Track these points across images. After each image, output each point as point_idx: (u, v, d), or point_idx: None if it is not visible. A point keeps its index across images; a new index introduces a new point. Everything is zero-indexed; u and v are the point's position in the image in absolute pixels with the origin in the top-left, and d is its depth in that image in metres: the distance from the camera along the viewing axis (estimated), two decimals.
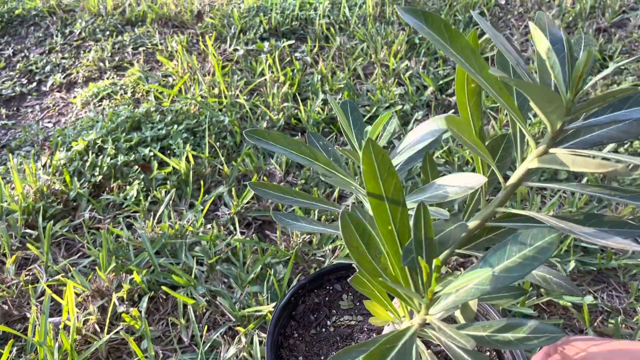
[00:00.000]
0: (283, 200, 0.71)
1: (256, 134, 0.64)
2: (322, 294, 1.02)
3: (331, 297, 1.02)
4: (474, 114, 0.58)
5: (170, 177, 1.57)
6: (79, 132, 1.79)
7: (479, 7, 2.49)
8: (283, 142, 0.63)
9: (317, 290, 1.03)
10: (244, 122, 1.81)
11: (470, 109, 0.58)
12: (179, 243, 1.37)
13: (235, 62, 2.15)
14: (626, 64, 2.03)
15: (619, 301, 1.24)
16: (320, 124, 1.78)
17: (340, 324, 0.98)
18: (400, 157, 0.65)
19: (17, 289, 1.28)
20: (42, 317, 1.11)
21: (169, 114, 1.81)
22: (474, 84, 0.56)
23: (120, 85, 2.05)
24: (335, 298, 1.02)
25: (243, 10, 2.50)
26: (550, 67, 0.47)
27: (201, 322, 1.20)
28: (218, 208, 1.51)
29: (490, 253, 0.50)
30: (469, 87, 0.56)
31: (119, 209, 1.51)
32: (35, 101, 2.13)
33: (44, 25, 2.57)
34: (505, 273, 0.48)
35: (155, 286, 1.27)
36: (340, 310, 1.00)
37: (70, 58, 2.32)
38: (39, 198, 1.50)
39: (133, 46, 2.35)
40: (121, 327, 1.16)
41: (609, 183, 1.55)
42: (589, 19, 2.37)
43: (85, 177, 1.58)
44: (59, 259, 1.36)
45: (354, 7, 2.49)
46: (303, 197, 0.71)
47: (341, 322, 0.98)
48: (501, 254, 0.49)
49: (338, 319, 0.98)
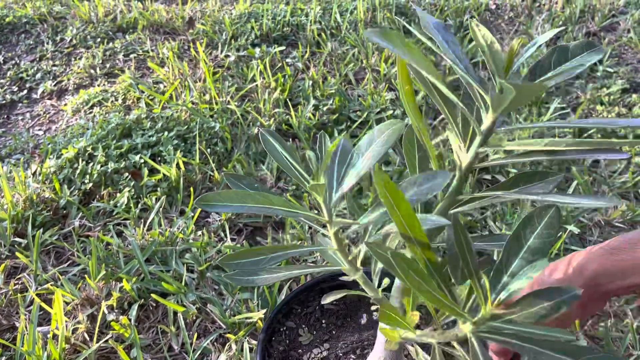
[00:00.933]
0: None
1: (206, 200, 0.60)
2: (280, 340, 1.03)
3: (290, 338, 1.03)
4: (414, 111, 0.64)
5: (160, 184, 1.57)
6: (70, 139, 1.78)
7: (470, 12, 2.50)
8: (235, 199, 0.61)
9: (275, 337, 1.03)
10: (235, 128, 1.81)
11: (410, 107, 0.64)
12: (169, 250, 1.36)
13: (227, 69, 2.15)
14: (616, 69, 2.04)
15: (609, 304, 1.24)
16: (311, 129, 1.78)
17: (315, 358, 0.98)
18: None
19: (5, 298, 1.27)
20: (31, 326, 1.10)
21: (160, 120, 1.80)
22: (408, 86, 0.63)
23: (111, 92, 2.05)
24: (294, 337, 1.03)
25: (234, 16, 2.50)
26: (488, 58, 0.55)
27: (191, 330, 1.20)
28: (209, 215, 1.51)
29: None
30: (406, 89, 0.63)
31: (109, 217, 1.51)
32: (25, 109, 2.12)
33: (35, 32, 2.57)
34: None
35: (145, 294, 1.27)
36: (304, 347, 1.01)
37: (61, 65, 2.32)
38: (29, 206, 1.49)
39: (124, 53, 2.35)
40: (110, 335, 1.15)
41: (599, 186, 1.55)
42: (579, 22, 2.39)
43: (75, 185, 1.57)
44: (49, 268, 1.36)
45: (345, 12, 2.50)
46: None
47: (315, 357, 0.98)
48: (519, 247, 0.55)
49: (309, 357, 0.99)
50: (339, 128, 1.81)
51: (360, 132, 1.79)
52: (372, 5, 2.51)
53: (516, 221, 1.41)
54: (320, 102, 1.90)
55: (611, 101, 1.85)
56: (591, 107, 1.86)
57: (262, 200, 0.61)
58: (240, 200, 0.61)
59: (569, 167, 1.61)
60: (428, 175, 0.59)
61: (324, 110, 1.85)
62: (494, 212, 1.47)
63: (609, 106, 1.83)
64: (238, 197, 0.61)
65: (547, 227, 0.56)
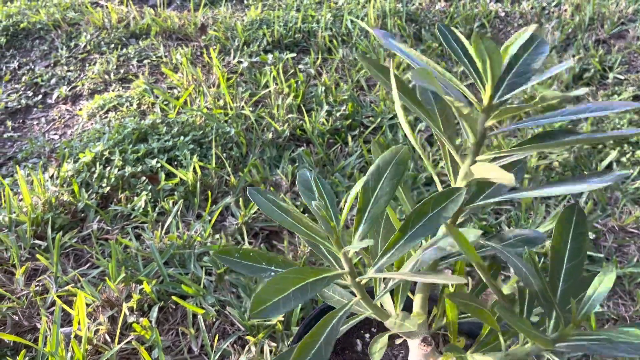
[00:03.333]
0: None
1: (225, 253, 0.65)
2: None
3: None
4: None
5: (177, 188, 1.58)
6: (86, 143, 1.80)
7: (479, 19, 2.52)
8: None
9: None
10: (249, 133, 1.83)
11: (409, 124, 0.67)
12: (187, 253, 1.38)
13: (240, 74, 2.18)
14: (626, 75, 2.06)
15: (625, 309, 1.25)
16: (325, 134, 1.80)
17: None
18: None
19: (27, 299, 1.28)
20: (54, 327, 1.12)
21: (175, 125, 1.82)
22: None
23: (125, 97, 2.07)
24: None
25: (246, 23, 2.52)
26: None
27: (211, 332, 1.21)
28: (225, 218, 1.52)
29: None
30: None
31: (127, 220, 1.52)
32: (41, 113, 2.15)
33: (49, 38, 2.60)
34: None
35: (164, 296, 1.28)
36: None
37: (76, 71, 2.34)
38: (48, 209, 1.51)
39: (138, 59, 2.38)
40: (132, 337, 1.17)
41: (612, 192, 1.56)
42: (588, 30, 2.41)
43: (93, 189, 1.59)
44: (69, 270, 1.37)
45: (356, 19, 2.52)
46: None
47: None
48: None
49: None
50: (352, 133, 1.82)
51: (374, 137, 1.81)
52: (383, 12, 2.53)
53: (530, 225, 1.43)
54: (333, 108, 1.92)
55: None
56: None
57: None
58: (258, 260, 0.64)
59: (582, 173, 1.62)
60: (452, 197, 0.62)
61: (337, 115, 1.87)
62: (508, 217, 1.48)
63: (620, 113, 1.84)
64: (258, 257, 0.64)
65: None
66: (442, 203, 0.62)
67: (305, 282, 0.60)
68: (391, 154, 0.66)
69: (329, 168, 1.69)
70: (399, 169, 0.65)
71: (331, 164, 1.71)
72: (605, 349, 0.55)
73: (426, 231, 0.62)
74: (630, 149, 1.68)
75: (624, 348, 0.54)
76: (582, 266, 0.65)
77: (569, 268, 0.65)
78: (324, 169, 1.69)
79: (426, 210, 0.62)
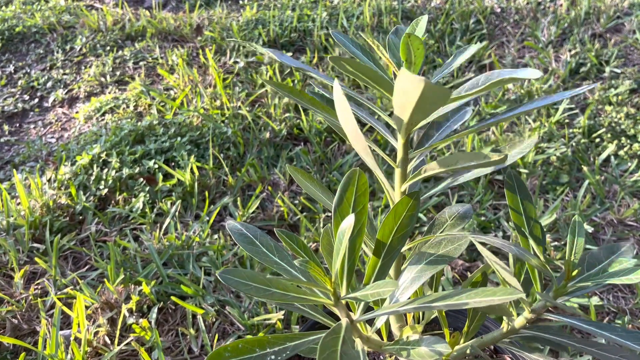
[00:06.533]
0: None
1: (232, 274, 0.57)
2: None
3: None
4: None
5: (175, 189, 1.58)
6: (83, 146, 1.80)
7: (475, 16, 2.52)
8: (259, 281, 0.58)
9: None
10: (247, 133, 1.82)
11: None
12: (186, 254, 1.37)
13: (236, 74, 2.17)
14: (622, 69, 2.06)
15: (625, 302, 1.25)
16: (322, 133, 1.80)
17: None
18: None
19: (26, 303, 1.28)
20: (53, 330, 1.11)
21: (172, 126, 1.82)
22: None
23: (122, 100, 2.07)
24: None
25: (242, 23, 2.52)
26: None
27: (211, 332, 1.21)
28: (223, 218, 1.52)
29: None
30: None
31: (125, 222, 1.52)
32: (37, 117, 2.14)
33: (45, 42, 2.59)
34: None
35: (164, 297, 1.28)
36: None
37: (72, 74, 2.34)
38: (46, 212, 1.51)
39: (134, 61, 2.37)
40: (131, 338, 1.16)
41: (610, 185, 1.56)
42: (584, 24, 2.41)
43: (90, 191, 1.59)
44: (67, 272, 1.37)
45: (352, 18, 2.52)
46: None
47: None
48: None
49: None
50: None
51: (371, 135, 1.80)
52: (378, 10, 2.53)
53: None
54: None
55: (619, 101, 1.86)
56: (599, 108, 1.87)
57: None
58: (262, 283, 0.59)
59: (580, 167, 1.62)
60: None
61: None
62: (506, 212, 1.48)
63: (617, 106, 1.84)
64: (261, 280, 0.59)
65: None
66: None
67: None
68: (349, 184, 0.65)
69: (327, 166, 1.69)
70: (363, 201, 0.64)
71: (328, 162, 1.71)
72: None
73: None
74: (628, 142, 1.68)
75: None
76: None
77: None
78: (321, 168, 1.69)
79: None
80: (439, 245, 0.67)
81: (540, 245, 0.68)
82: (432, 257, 0.65)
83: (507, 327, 0.70)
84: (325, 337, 0.51)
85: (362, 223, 0.62)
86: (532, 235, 0.68)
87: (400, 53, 0.61)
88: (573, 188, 1.57)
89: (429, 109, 0.58)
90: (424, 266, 0.65)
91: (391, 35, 0.71)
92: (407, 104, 0.51)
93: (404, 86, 0.48)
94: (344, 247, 0.54)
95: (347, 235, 0.55)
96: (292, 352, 0.56)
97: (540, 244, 0.68)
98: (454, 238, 0.66)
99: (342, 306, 0.60)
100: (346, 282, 0.62)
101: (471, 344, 0.71)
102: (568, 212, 1.44)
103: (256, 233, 0.66)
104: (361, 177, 0.63)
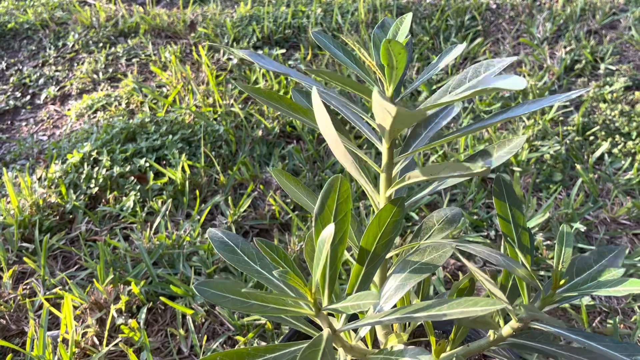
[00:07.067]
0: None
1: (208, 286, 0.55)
2: None
3: None
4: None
5: (166, 188, 1.57)
6: (74, 144, 1.78)
7: (470, 12, 2.50)
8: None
9: None
10: (239, 131, 1.81)
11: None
12: (176, 253, 1.36)
13: (229, 71, 2.16)
14: (617, 66, 2.05)
15: (617, 301, 1.24)
16: (315, 131, 1.78)
17: None
18: None
19: (14, 303, 1.27)
20: (41, 330, 1.11)
21: (164, 124, 1.81)
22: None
23: (114, 97, 2.05)
24: None
25: (235, 19, 2.50)
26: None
27: (200, 332, 1.20)
28: (215, 217, 1.51)
29: None
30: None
31: (116, 221, 1.51)
32: (29, 114, 2.13)
33: (37, 38, 2.57)
34: None
35: (153, 297, 1.27)
36: None
37: (64, 70, 2.32)
38: (35, 211, 1.50)
39: (126, 57, 2.36)
40: (120, 339, 1.16)
41: (604, 183, 1.55)
42: (580, 21, 2.39)
43: (81, 189, 1.57)
44: (56, 272, 1.36)
45: (347, 14, 2.51)
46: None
47: None
48: None
49: None
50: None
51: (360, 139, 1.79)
52: (373, 6, 2.51)
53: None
54: None
55: (614, 99, 1.85)
56: (594, 105, 1.86)
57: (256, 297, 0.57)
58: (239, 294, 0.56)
59: (573, 165, 1.61)
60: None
61: None
62: None
63: (611, 104, 1.83)
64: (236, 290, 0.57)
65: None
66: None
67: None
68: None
69: (319, 164, 1.67)
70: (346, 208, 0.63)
71: (321, 161, 1.69)
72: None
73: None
74: (622, 140, 1.67)
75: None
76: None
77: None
78: (314, 166, 1.68)
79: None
80: (424, 253, 0.66)
81: (528, 254, 0.67)
82: (416, 265, 0.64)
83: (493, 335, 0.69)
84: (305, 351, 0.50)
85: (344, 231, 0.61)
86: (520, 244, 0.67)
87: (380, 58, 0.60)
88: (566, 186, 1.56)
89: (407, 124, 0.59)
90: (408, 274, 0.64)
91: (376, 30, 0.70)
92: (386, 119, 0.52)
93: (380, 109, 0.49)
94: (324, 257, 0.53)
95: (328, 244, 0.54)
96: None
97: (528, 253, 0.67)
98: (438, 245, 0.66)
99: (323, 316, 0.59)
100: (328, 291, 0.61)
101: (457, 352, 0.70)
102: (561, 211, 1.43)
103: (237, 241, 0.64)
104: (343, 184, 0.62)
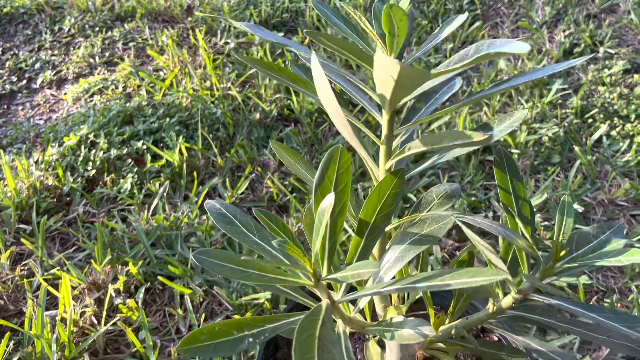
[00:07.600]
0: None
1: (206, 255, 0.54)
2: None
3: None
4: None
5: (163, 170, 1.57)
6: (71, 127, 1.78)
7: None
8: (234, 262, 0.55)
9: None
10: (236, 114, 1.80)
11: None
12: (174, 234, 1.36)
13: (226, 55, 2.15)
14: (616, 50, 2.04)
15: (614, 281, 1.25)
16: (313, 114, 1.78)
17: None
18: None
19: (12, 283, 1.27)
20: (39, 310, 1.11)
21: (161, 107, 1.80)
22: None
23: (111, 81, 2.04)
24: None
25: (233, 3, 2.49)
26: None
27: (198, 312, 1.20)
28: (212, 199, 1.50)
29: None
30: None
31: (113, 203, 1.51)
32: (25, 99, 2.11)
33: (33, 22, 2.55)
34: None
35: (151, 277, 1.27)
36: None
37: (60, 55, 2.31)
38: (32, 193, 1.49)
39: (123, 41, 2.34)
40: (118, 318, 1.16)
41: (602, 165, 1.55)
42: (579, 5, 2.38)
43: (78, 172, 1.57)
44: (54, 253, 1.36)
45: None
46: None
47: None
48: None
49: None
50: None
51: (362, 116, 1.79)
52: None
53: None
54: None
55: (613, 82, 1.85)
56: (593, 88, 1.85)
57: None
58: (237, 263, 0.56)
59: (571, 147, 1.61)
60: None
61: None
62: (497, 192, 1.47)
63: (610, 87, 1.82)
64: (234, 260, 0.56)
65: None
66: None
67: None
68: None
69: (317, 147, 1.67)
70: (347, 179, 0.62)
71: (319, 143, 1.69)
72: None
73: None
74: (620, 122, 1.67)
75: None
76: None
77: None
78: (312, 149, 1.67)
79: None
80: (423, 225, 0.66)
81: (529, 225, 0.67)
82: (415, 237, 0.64)
83: (493, 307, 0.69)
84: (304, 320, 0.50)
85: (343, 202, 0.61)
86: (520, 215, 0.67)
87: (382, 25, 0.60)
88: (564, 168, 1.56)
89: (410, 88, 0.57)
90: (408, 246, 0.64)
91: (377, 2, 0.69)
92: (387, 84, 0.50)
93: (382, 70, 0.48)
94: (323, 227, 0.53)
95: (327, 214, 0.53)
96: (271, 334, 0.54)
97: (529, 224, 0.67)
98: (438, 217, 0.65)
99: (322, 287, 0.59)
100: (327, 262, 0.61)
101: (456, 325, 0.70)
102: (559, 192, 1.43)
103: (236, 213, 0.64)
104: (343, 155, 0.61)
